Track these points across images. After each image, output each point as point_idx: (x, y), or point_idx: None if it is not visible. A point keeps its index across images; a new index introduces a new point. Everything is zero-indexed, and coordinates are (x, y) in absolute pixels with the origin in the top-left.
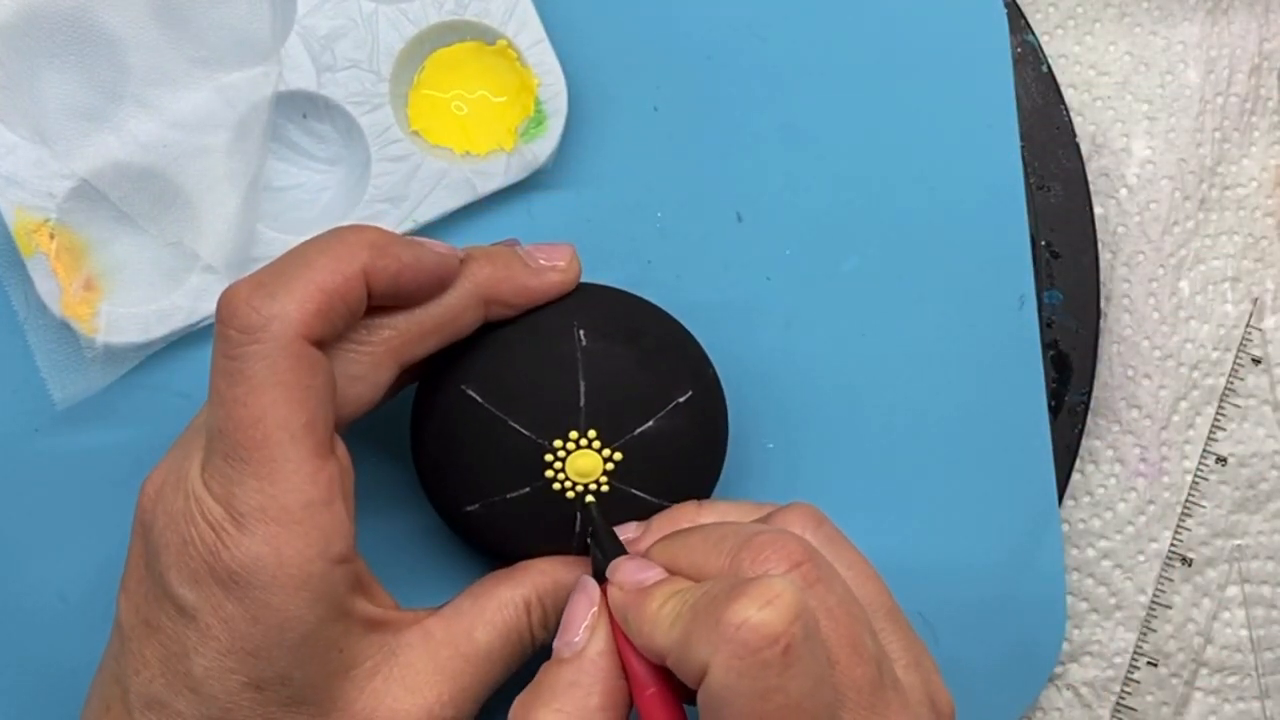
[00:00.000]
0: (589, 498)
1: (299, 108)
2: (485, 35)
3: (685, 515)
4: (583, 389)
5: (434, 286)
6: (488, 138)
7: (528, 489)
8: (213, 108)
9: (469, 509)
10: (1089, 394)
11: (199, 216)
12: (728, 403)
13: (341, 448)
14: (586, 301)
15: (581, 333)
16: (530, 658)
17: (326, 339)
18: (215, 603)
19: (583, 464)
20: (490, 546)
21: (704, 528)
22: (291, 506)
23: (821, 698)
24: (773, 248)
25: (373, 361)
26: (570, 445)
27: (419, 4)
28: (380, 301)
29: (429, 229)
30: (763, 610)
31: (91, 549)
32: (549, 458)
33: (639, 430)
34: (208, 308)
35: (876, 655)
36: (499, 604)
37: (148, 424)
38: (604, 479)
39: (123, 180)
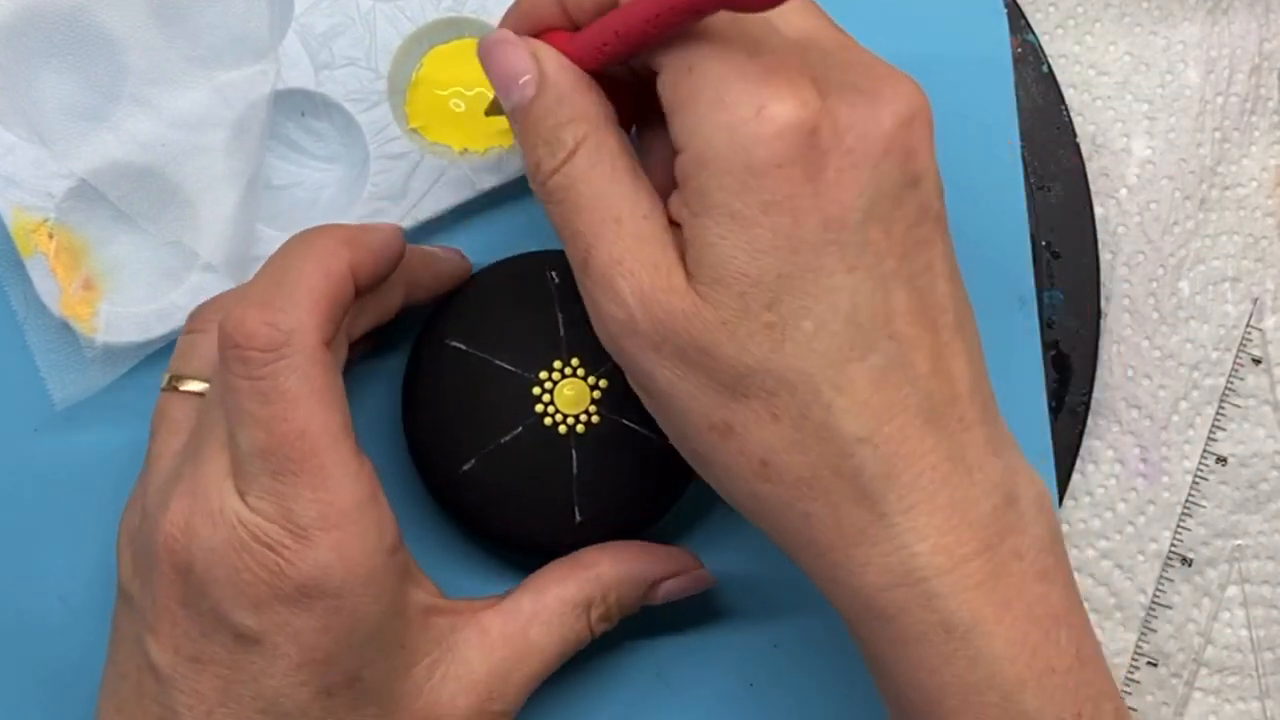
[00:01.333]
0: (579, 428)
1: (297, 106)
2: (482, 31)
3: None
4: (560, 320)
5: (396, 264)
6: (486, 134)
7: (520, 429)
8: (211, 106)
9: (465, 468)
10: (1089, 394)
11: (198, 215)
12: None
13: None
14: (556, 257)
15: (554, 273)
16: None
17: (331, 341)
18: (281, 621)
19: (570, 393)
20: (488, 507)
21: None
22: (348, 508)
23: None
24: None
25: (336, 343)
26: (556, 375)
27: (416, 1)
28: (361, 292)
29: (428, 226)
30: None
31: (91, 549)
32: (536, 390)
33: None
34: None
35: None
36: (560, 606)
37: (147, 424)
38: (593, 409)
39: (121, 180)
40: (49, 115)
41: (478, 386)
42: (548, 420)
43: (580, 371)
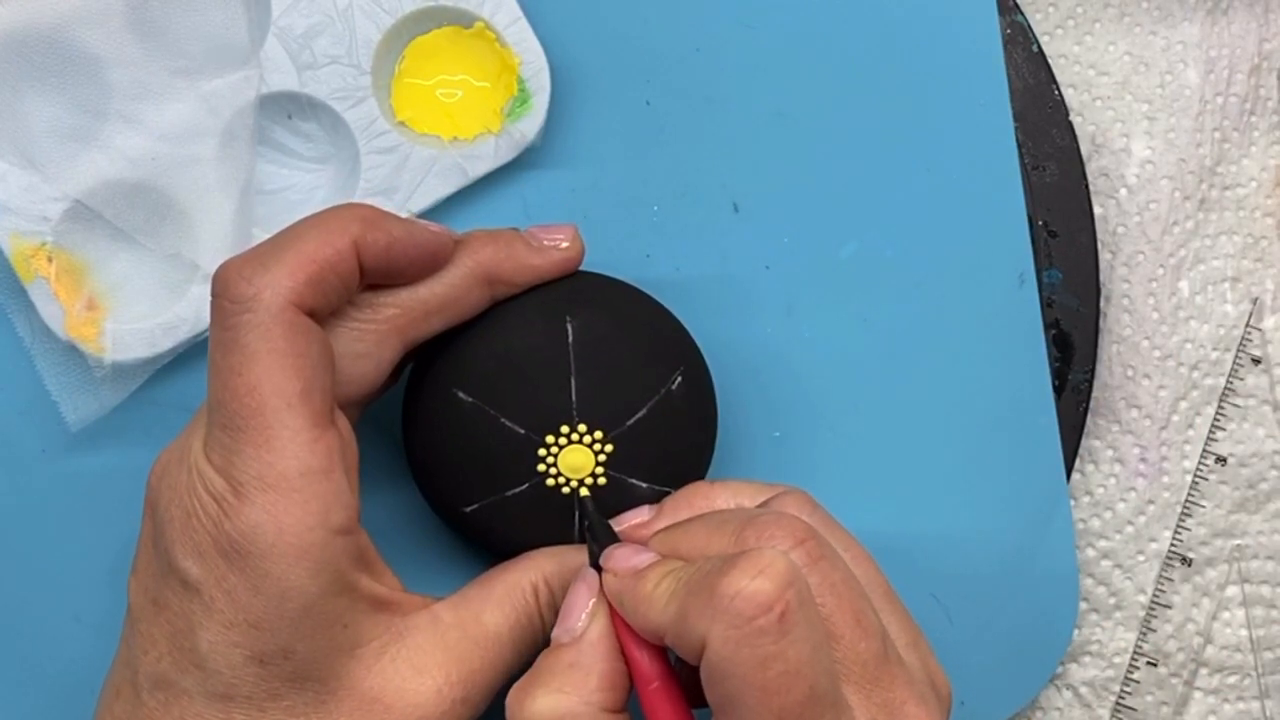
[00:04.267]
0: (583, 490)
1: (283, 109)
2: (462, 19)
3: (699, 493)
4: (574, 385)
5: (428, 262)
6: (474, 121)
7: (525, 485)
8: (197, 117)
9: (467, 510)
10: (1092, 372)
11: (194, 227)
12: (733, 392)
13: (343, 420)
14: (574, 293)
15: (571, 326)
16: (541, 647)
17: (319, 310)
18: (219, 574)
19: (574, 460)
20: (491, 544)
21: (704, 516)
22: (289, 474)
23: (821, 665)
24: (770, 236)
25: (377, 339)
26: (562, 441)
27: None
28: (375, 277)
29: (424, 217)
30: (755, 579)
31: (106, 568)
32: (541, 452)
33: (630, 421)
34: None
35: (880, 630)
36: (506, 588)
37: (158, 441)
38: (599, 469)
39: (115, 197)
40: (38, 139)
41: (482, 442)
42: (550, 481)
43: (588, 439)
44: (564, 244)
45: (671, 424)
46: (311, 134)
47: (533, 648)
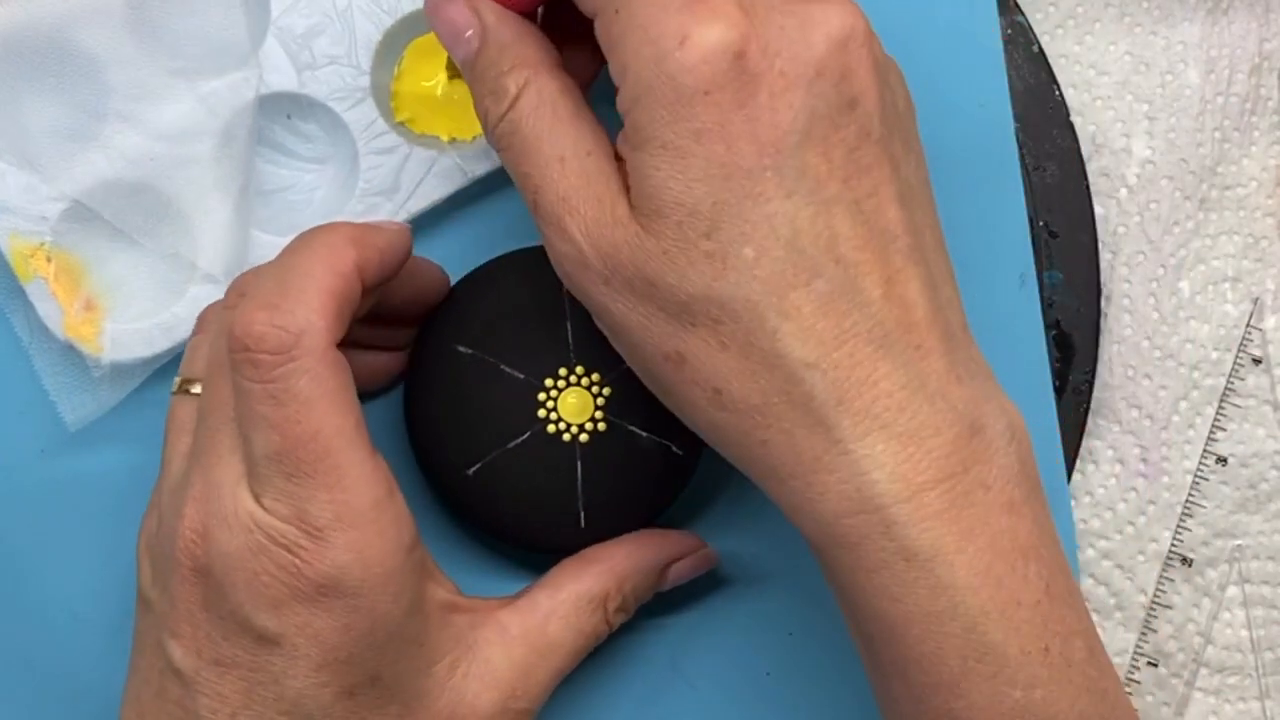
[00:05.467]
0: (583, 436)
1: (282, 109)
2: None
3: None
4: (570, 329)
5: (402, 262)
6: (473, 122)
7: (526, 434)
8: (196, 117)
9: (470, 471)
10: (1093, 372)
11: (193, 227)
12: None
13: None
14: None
15: None
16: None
17: (341, 340)
18: (301, 622)
19: (573, 402)
20: (493, 511)
21: None
22: (363, 508)
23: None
24: None
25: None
26: (561, 384)
27: None
28: (368, 291)
29: (423, 218)
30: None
31: (104, 566)
32: (541, 396)
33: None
34: None
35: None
36: (576, 602)
37: (156, 442)
38: (599, 414)
39: (114, 197)
40: (36, 139)
41: (484, 391)
42: (551, 428)
43: (585, 380)
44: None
45: None
46: (311, 134)
47: (594, 647)
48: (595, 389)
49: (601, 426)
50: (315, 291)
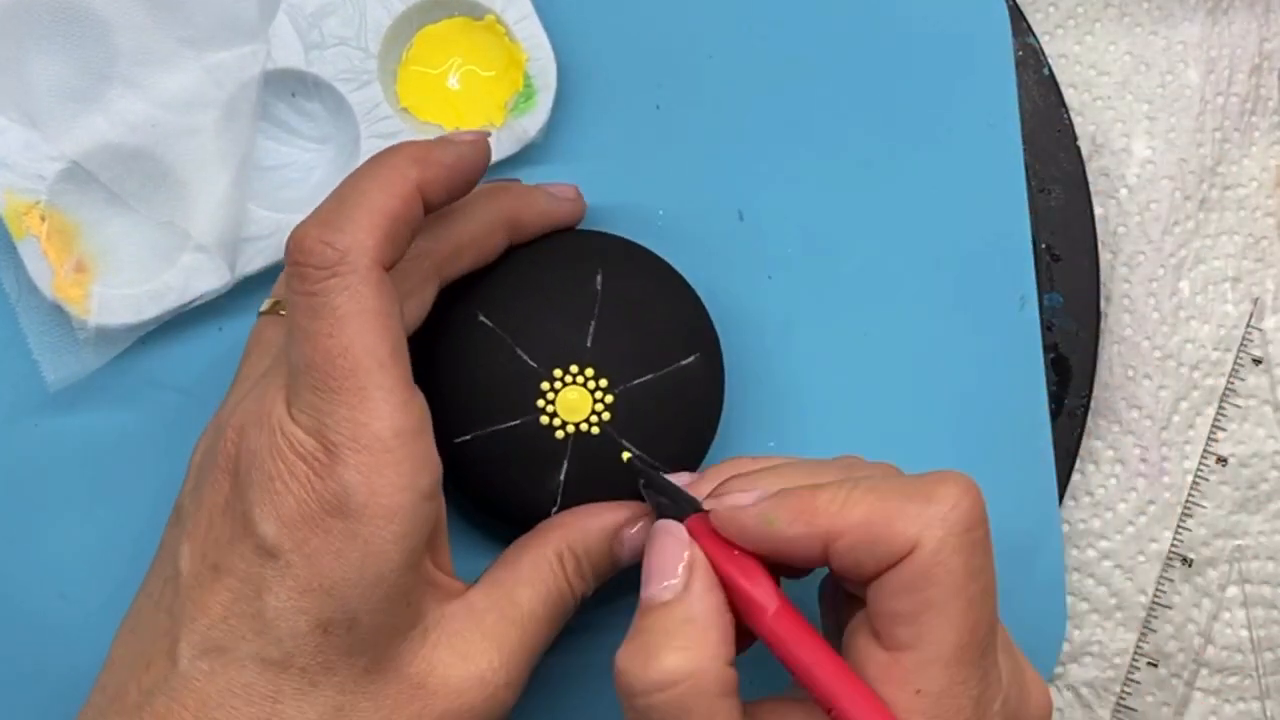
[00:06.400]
0: (589, 427)
1: (288, 86)
2: (473, 11)
3: (741, 464)
4: (592, 329)
5: (476, 177)
6: (477, 113)
7: (519, 420)
8: (201, 87)
9: (459, 440)
10: (1089, 398)
11: (190, 196)
12: (730, 400)
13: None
14: (612, 251)
15: (601, 277)
16: (571, 614)
17: (393, 263)
18: (300, 538)
19: (572, 398)
20: (475, 481)
21: (793, 463)
22: (383, 435)
23: (994, 599)
24: (774, 247)
25: (422, 279)
26: (567, 379)
27: None
28: (434, 208)
29: None
30: (968, 496)
31: (86, 532)
32: (544, 386)
33: (637, 381)
34: (200, 287)
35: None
36: (532, 562)
37: (135, 411)
38: (594, 418)
39: (113, 161)
40: (40, 98)
41: (491, 366)
42: (545, 420)
43: (591, 383)
44: (571, 196)
45: (676, 400)
46: (314, 113)
47: (564, 617)
48: (599, 393)
49: (595, 430)
50: (367, 211)
